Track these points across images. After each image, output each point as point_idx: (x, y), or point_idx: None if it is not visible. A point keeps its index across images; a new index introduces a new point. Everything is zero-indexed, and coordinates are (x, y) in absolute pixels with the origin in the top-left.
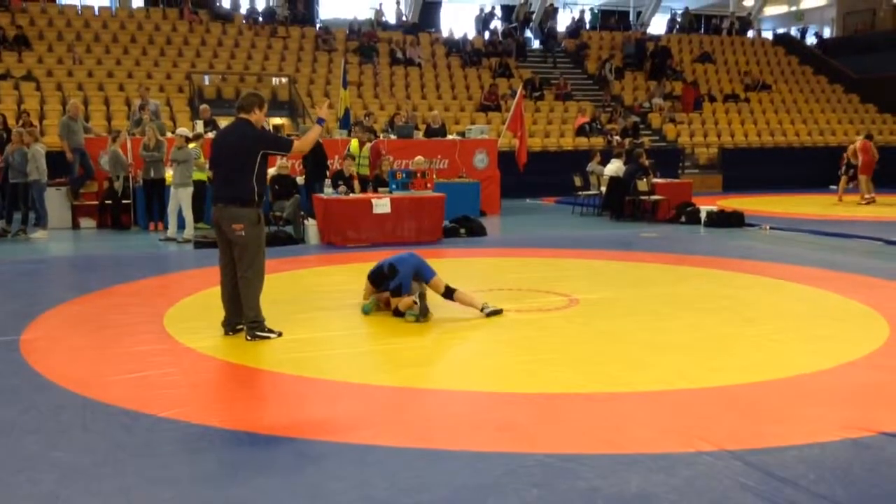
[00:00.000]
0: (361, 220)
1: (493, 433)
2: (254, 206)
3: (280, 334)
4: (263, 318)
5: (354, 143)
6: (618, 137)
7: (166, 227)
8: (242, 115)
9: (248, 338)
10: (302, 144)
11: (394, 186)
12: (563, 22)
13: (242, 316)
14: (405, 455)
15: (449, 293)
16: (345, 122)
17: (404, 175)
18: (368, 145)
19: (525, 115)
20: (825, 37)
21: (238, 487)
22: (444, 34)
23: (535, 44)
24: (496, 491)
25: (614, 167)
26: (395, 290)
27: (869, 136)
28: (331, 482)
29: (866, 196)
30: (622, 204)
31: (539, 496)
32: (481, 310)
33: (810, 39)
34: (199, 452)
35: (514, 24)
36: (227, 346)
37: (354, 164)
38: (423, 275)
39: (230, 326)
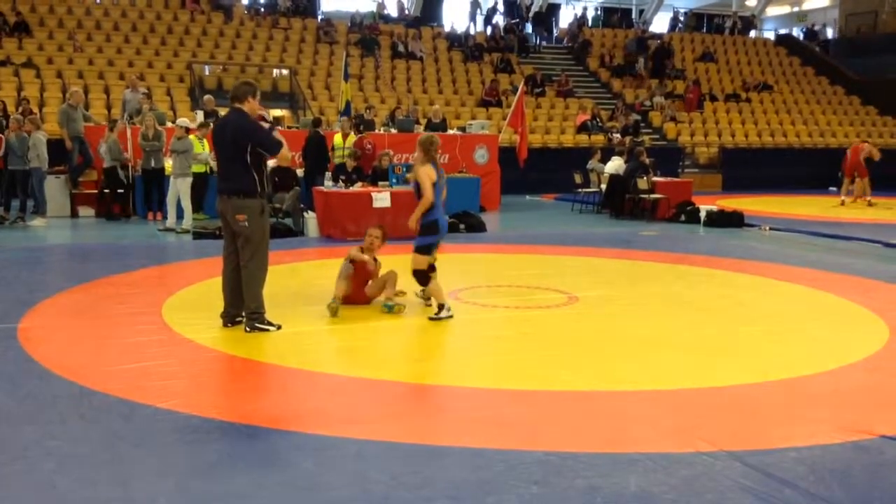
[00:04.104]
0: (361, 213)
1: (492, 430)
2: (257, 197)
3: (279, 327)
4: (264, 310)
5: (338, 136)
6: (618, 135)
7: (165, 217)
8: (236, 105)
9: (247, 329)
10: (287, 154)
11: (394, 181)
12: (565, 18)
13: (242, 308)
14: (404, 450)
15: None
16: (345, 115)
17: (404, 169)
18: (353, 137)
19: (526, 112)
20: (828, 38)
21: (236, 479)
22: (447, 28)
23: (536, 39)
24: (496, 488)
25: (615, 165)
26: (424, 249)
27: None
28: (329, 476)
29: (843, 196)
30: (622, 202)
31: (539, 494)
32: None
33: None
34: (197, 444)
35: (516, 20)
36: (226, 338)
37: (337, 155)
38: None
39: (229, 318)
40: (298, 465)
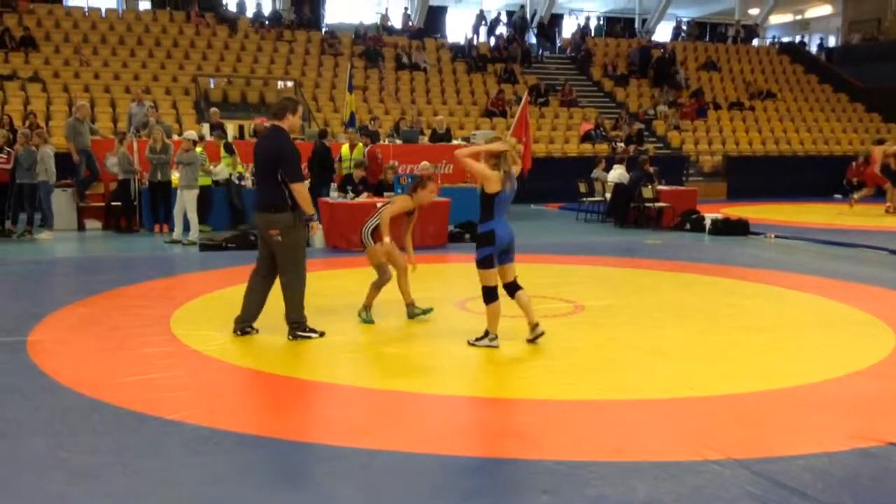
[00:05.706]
0: None
1: (501, 439)
2: (288, 211)
3: (322, 334)
4: (305, 318)
5: (345, 147)
6: (622, 144)
7: (172, 230)
8: (276, 122)
9: (290, 337)
10: (304, 192)
11: (398, 190)
12: (568, 28)
13: (255, 318)
14: (413, 460)
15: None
16: (349, 126)
17: (409, 180)
18: (361, 147)
19: (530, 121)
20: (831, 46)
21: (246, 490)
22: (450, 39)
23: (539, 50)
24: (506, 497)
25: (618, 174)
26: (484, 262)
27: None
28: (339, 486)
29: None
30: (627, 211)
31: (548, 502)
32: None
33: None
34: (206, 455)
35: (519, 30)
36: (234, 349)
37: (345, 167)
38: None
39: (240, 326)
40: (308, 475)
